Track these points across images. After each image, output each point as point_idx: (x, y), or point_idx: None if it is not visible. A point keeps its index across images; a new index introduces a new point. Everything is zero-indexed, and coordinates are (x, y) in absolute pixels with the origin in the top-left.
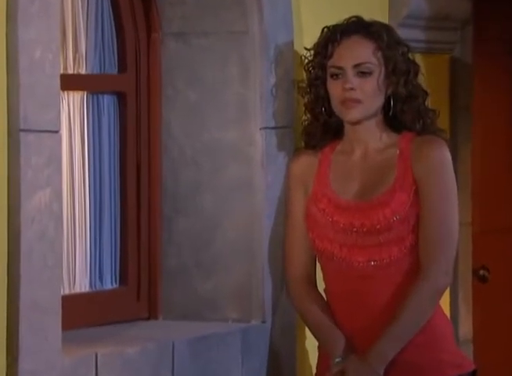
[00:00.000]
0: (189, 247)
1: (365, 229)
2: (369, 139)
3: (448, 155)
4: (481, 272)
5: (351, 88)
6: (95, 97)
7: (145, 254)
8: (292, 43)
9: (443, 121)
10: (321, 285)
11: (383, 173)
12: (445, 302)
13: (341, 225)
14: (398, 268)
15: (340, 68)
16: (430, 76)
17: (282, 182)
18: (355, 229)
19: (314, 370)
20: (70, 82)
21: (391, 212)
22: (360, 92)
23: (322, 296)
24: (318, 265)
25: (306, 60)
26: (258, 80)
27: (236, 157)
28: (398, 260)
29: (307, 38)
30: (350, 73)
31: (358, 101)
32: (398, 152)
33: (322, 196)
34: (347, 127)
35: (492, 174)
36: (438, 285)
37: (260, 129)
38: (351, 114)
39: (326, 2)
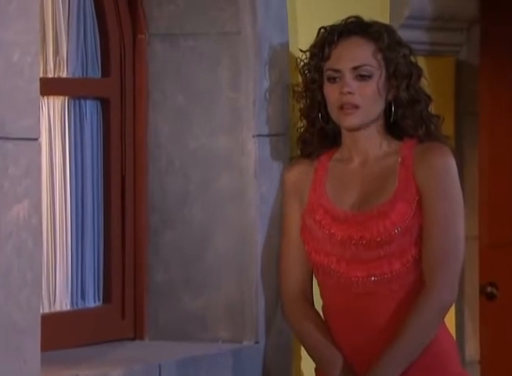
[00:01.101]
0: (177, 262)
1: (364, 242)
2: (368, 146)
3: (453, 163)
4: (489, 289)
5: (350, 93)
6: (76, 103)
7: (130, 270)
8: (287, 44)
9: (448, 128)
10: (318, 301)
11: (383, 182)
12: (450, 321)
13: (339, 237)
14: (400, 283)
15: (337, 71)
16: (434, 80)
17: (276, 193)
18: (353, 242)
19: None
20: (50, 87)
21: (391, 224)
22: (359, 97)
23: (319, 314)
24: (315, 280)
25: (301, 63)
26: (251, 84)
27: (228, 167)
28: (400, 275)
29: (303, 40)
30: (348, 76)
31: (356, 106)
32: (399, 160)
33: (318, 206)
34: (345, 134)
35: (501, 184)
36: (442, 302)
37: (253, 137)
38: (349, 120)
39: (324, 2)
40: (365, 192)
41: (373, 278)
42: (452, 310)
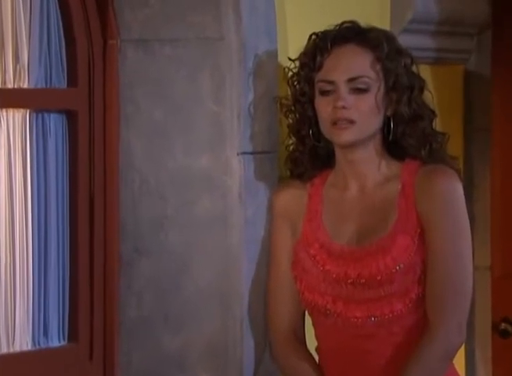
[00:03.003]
0: (153, 296)
1: (362, 281)
2: (365, 168)
3: (459, 189)
4: (503, 325)
5: (344, 107)
6: (39, 116)
7: (99, 305)
8: (275, 52)
9: (455, 147)
10: (311, 343)
11: (382, 213)
12: (459, 363)
13: (334, 275)
14: (402, 325)
15: (330, 83)
16: (440, 92)
17: (264, 218)
18: (350, 281)
19: None
20: (9, 98)
21: (392, 260)
22: (355, 112)
23: (312, 355)
24: (308, 318)
25: (290, 73)
26: (235, 96)
27: (209, 188)
28: (402, 316)
29: (293, 47)
30: (343, 88)
31: (352, 121)
32: (399, 187)
33: (313, 240)
34: (338, 153)
35: None
36: (449, 346)
37: (237, 155)
38: (343, 136)
39: (316, 5)
40: (363, 224)
41: (372, 319)
42: (462, 350)
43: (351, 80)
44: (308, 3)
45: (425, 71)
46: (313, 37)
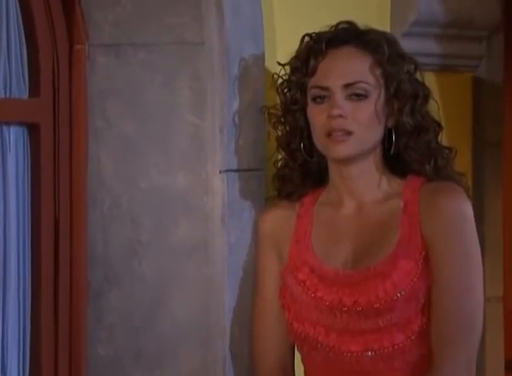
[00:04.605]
0: (125, 331)
1: (359, 309)
2: (363, 185)
3: (468, 209)
4: None
5: (341, 116)
6: None
7: (64, 340)
8: (262, 57)
9: (463, 162)
10: None
11: (382, 233)
12: None
13: (327, 303)
14: (404, 360)
15: (325, 89)
16: (447, 102)
17: (249, 243)
18: (345, 309)
19: None
20: None
21: (393, 286)
22: (352, 122)
23: None
24: (297, 353)
25: (280, 79)
26: (217, 106)
27: (188, 211)
28: (404, 350)
29: (282, 51)
30: (339, 95)
31: (349, 132)
32: (401, 205)
33: (301, 263)
34: (333, 168)
35: None
36: None
37: (220, 173)
38: (339, 150)
39: (307, 4)
40: (360, 246)
41: (370, 353)
42: None
43: (347, 85)
44: (298, 2)
45: (429, 79)
46: (306, 38)
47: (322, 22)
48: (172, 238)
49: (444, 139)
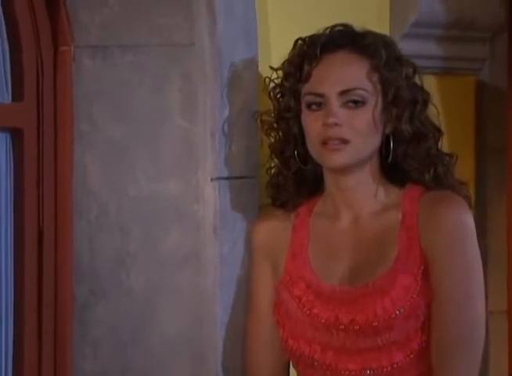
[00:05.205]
0: (111, 346)
1: (356, 328)
2: (359, 195)
3: (469, 220)
4: None
5: (336, 124)
6: None
7: (48, 357)
8: (255, 61)
9: (465, 170)
10: None
11: (380, 247)
12: None
13: (323, 320)
14: None
15: (320, 96)
16: (448, 106)
17: (242, 254)
18: (342, 327)
19: None
20: None
21: (391, 303)
22: (349, 130)
23: None
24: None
25: (272, 84)
26: (208, 111)
27: (178, 220)
28: (403, 369)
29: (276, 54)
30: (334, 102)
31: (345, 141)
32: (400, 217)
33: (298, 279)
34: (328, 178)
35: None
36: None
37: (211, 180)
38: (335, 158)
39: (303, 5)
40: (357, 261)
41: (368, 372)
42: None
43: (343, 92)
44: (293, 3)
45: (430, 83)
46: (299, 42)
47: (317, 24)
48: (162, 248)
49: (445, 145)
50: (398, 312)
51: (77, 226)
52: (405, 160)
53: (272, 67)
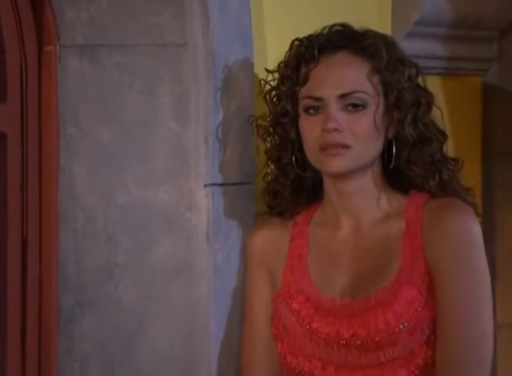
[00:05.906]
0: (99, 361)
1: (358, 343)
2: (361, 203)
3: (475, 228)
4: None
5: (336, 129)
6: None
7: (33, 373)
8: (251, 62)
9: (471, 176)
10: None
11: (382, 258)
12: None
13: (323, 335)
14: None
15: (318, 99)
16: (453, 109)
17: (236, 265)
18: (343, 342)
19: None
20: None
21: (395, 317)
22: (349, 135)
23: None
24: None
25: (268, 87)
26: (202, 114)
27: (170, 229)
28: None
29: (272, 54)
30: (334, 106)
31: (345, 146)
32: (403, 226)
33: (296, 291)
34: (328, 184)
35: None
36: None
37: (204, 186)
38: (335, 164)
39: (300, 4)
40: (359, 272)
41: None
42: None
43: (343, 96)
44: (290, 1)
45: (434, 84)
46: (296, 43)
47: (315, 24)
48: (152, 259)
49: (451, 149)
50: (401, 327)
51: (62, 235)
52: (409, 165)
53: (267, 70)
